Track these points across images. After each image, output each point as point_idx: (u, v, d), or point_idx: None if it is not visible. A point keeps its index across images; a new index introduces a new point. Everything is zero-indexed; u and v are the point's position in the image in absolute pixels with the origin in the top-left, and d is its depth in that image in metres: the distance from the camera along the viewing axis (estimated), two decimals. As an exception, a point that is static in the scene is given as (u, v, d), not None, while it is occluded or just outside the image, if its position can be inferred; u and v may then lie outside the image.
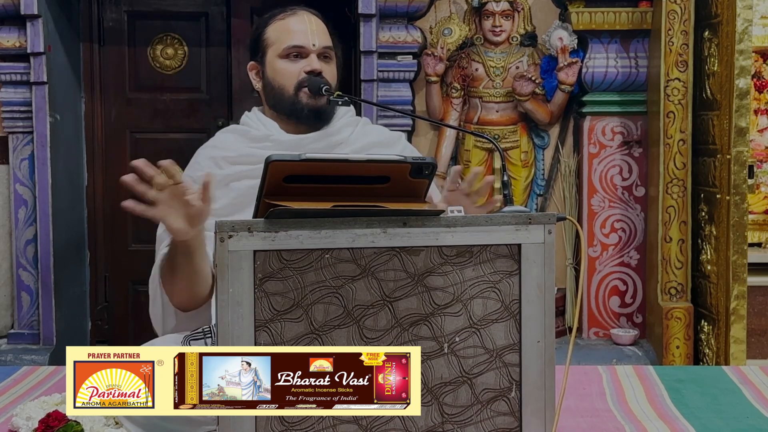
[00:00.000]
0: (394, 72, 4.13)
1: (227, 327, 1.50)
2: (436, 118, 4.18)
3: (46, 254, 4.10)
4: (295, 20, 2.11)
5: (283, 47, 2.09)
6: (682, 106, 3.92)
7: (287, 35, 2.10)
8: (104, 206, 4.65)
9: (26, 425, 2.32)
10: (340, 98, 2.05)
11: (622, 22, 4.09)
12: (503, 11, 4.16)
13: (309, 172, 1.54)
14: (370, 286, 1.55)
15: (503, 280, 1.59)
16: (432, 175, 1.58)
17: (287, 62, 2.09)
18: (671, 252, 3.95)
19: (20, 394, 2.74)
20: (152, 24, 4.68)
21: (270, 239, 1.51)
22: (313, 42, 2.09)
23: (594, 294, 4.19)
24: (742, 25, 3.61)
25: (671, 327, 3.91)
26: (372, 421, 1.55)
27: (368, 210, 1.54)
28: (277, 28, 2.12)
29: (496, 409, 1.60)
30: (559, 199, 4.27)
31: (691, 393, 2.70)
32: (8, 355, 4.03)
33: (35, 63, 4.03)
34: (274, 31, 2.12)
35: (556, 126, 4.27)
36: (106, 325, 4.68)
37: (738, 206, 3.66)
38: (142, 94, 4.69)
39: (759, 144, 4.24)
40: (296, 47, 2.08)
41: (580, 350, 3.99)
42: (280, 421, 1.53)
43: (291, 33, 2.10)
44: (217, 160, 2.09)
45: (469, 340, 1.58)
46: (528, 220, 1.58)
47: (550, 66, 4.17)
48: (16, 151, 4.14)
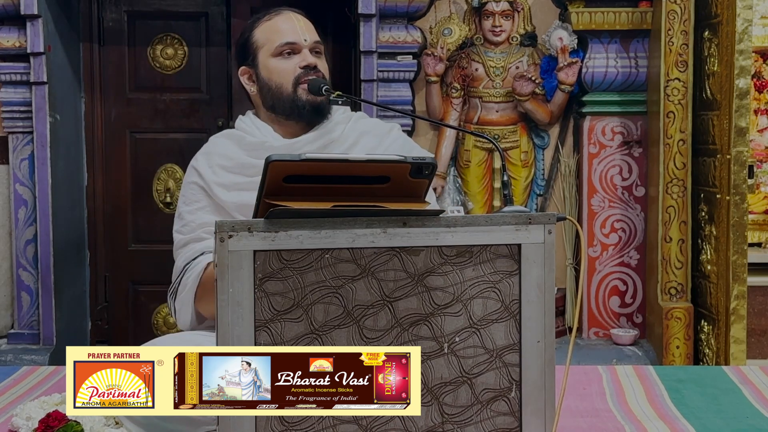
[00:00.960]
0: (394, 72, 4.13)
1: (227, 327, 1.50)
2: (436, 118, 4.18)
3: (46, 254, 4.10)
4: (281, 19, 2.13)
5: (275, 46, 2.10)
6: (682, 106, 3.92)
7: (277, 34, 2.10)
8: (104, 206, 4.65)
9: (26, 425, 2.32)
10: (340, 98, 2.05)
11: (622, 22, 4.09)
12: (503, 11, 4.16)
13: (309, 172, 1.54)
14: (370, 286, 1.55)
15: (503, 280, 1.59)
16: (432, 175, 1.58)
17: (281, 60, 2.10)
18: (671, 252, 3.95)
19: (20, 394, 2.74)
20: (152, 24, 4.68)
21: (270, 239, 1.51)
22: (304, 38, 2.10)
23: (594, 294, 4.19)
24: (742, 25, 3.61)
25: (671, 327, 3.91)
26: (372, 421, 1.55)
27: (368, 210, 1.54)
28: (265, 30, 2.12)
29: (496, 409, 1.60)
30: (559, 199, 4.27)
31: (691, 393, 2.70)
32: (8, 355, 4.03)
33: (35, 63, 4.03)
34: (263, 33, 2.12)
35: (556, 126, 4.27)
36: (106, 325, 4.67)
37: (738, 206, 3.66)
38: (142, 94, 4.69)
39: (759, 144, 4.25)
40: (289, 44, 2.09)
41: (580, 350, 3.99)
42: (280, 421, 1.53)
43: (280, 32, 2.10)
44: (214, 168, 2.09)
45: (469, 340, 1.58)
46: (528, 220, 1.58)
47: (550, 66, 4.17)
48: (16, 151, 4.14)
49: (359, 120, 2.21)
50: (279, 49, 2.10)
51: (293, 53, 2.10)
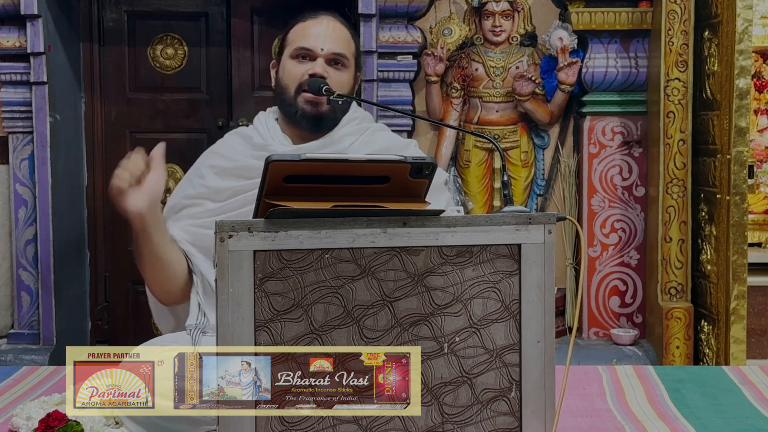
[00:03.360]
0: (394, 72, 4.13)
1: (227, 327, 1.50)
2: (436, 118, 4.18)
3: (46, 254, 4.10)
4: (314, 23, 2.11)
5: (294, 47, 2.10)
6: (682, 106, 3.92)
7: (301, 37, 2.10)
8: (104, 206, 4.65)
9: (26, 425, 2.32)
10: (340, 98, 2.04)
11: (622, 22, 4.09)
12: (503, 11, 4.16)
13: (309, 172, 1.54)
14: (370, 286, 1.55)
15: (503, 280, 1.58)
16: (432, 175, 1.58)
17: (295, 63, 2.09)
18: (671, 252, 3.95)
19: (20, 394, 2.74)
20: (152, 24, 4.68)
21: (270, 239, 1.51)
22: (322, 47, 2.07)
23: (594, 294, 4.19)
24: (742, 25, 3.61)
25: (671, 327, 3.91)
26: (372, 421, 1.55)
27: (368, 210, 1.54)
28: (298, 29, 2.12)
29: (496, 409, 1.60)
30: (559, 199, 4.27)
31: (691, 393, 2.70)
32: (8, 355, 4.03)
33: (35, 63, 4.03)
34: (295, 32, 2.12)
35: (556, 126, 4.27)
36: (106, 325, 4.68)
37: (738, 206, 3.66)
38: (142, 94, 4.69)
39: (759, 144, 4.24)
40: (304, 49, 2.08)
41: (580, 350, 3.99)
42: (280, 421, 1.53)
43: (305, 36, 2.09)
44: (217, 170, 2.10)
45: (469, 340, 1.58)
46: (528, 220, 1.58)
47: (550, 66, 4.17)
48: (16, 151, 4.14)
49: (375, 134, 2.16)
50: (296, 51, 2.09)
51: (308, 59, 2.08)
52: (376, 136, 2.16)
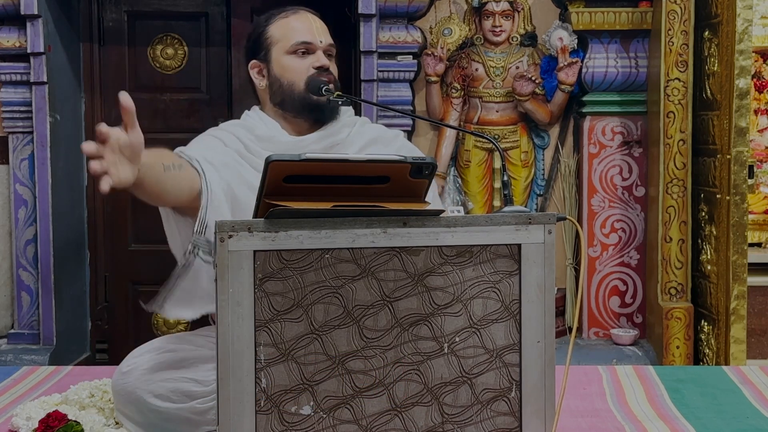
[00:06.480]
0: (394, 72, 4.13)
1: (227, 327, 1.50)
2: (436, 118, 4.19)
3: (46, 254, 4.10)
4: (298, 18, 2.16)
5: (291, 44, 2.12)
6: (682, 106, 3.92)
7: (293, 32, 2.13)
8: (104, 206, 4.65)
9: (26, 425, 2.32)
10: (340, 98, 2.06)
11: (622, 22, 4.09)
12: (503, 11, 4.16)
13: (309, 172, 1.54)
14: (370, 286, 1.55)
15: (503, 280, 1.59)
16: (432, 175, 1.58)
17: (295, 58, 2.12)
18: (671, 252, 3.95)
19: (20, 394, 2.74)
20: (152, 24, 4.68)
21: (270, 239, 1.51)
22: (320, 39, 2.14)
23: (594, 294, 4.19)
24: (742, 25, 3.61)
25: (671, 327, 3.91)
26: (372, 421, 1.55)
27: (368, 210, 1.54)
28: (281, 27, 2.15)
29: (496, 409, 1.60)
30: (559, 199, 4.27)
31: (691, 393, 2.69)
32: (8, 355, 4.03)
33: (35, 63, 4.03)
34: (278, 30, 2.15)
35: (556, 126, 4.27)
36: (106, 325, 4.67)
37: (738, 206, 3.66)
38: (142, 94, 4.68)
39: (759, 144, 4.24)
40: (304, 43, 2.12)
41: (580, 350, 3.99)
42: (280, 421, 1.53)
43: (297, 30, 2.13)
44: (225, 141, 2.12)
45: (469, 340, 1.58)
46: (528, 220, 1.58)
47: (550, 66, 4.17)
48: (16, 151, 4.14)
49: (365, 125, 2.24)
50: (294, 47, 2.12)
51: (308, 53, 2.13)
52: (366, 126, 2.23)
